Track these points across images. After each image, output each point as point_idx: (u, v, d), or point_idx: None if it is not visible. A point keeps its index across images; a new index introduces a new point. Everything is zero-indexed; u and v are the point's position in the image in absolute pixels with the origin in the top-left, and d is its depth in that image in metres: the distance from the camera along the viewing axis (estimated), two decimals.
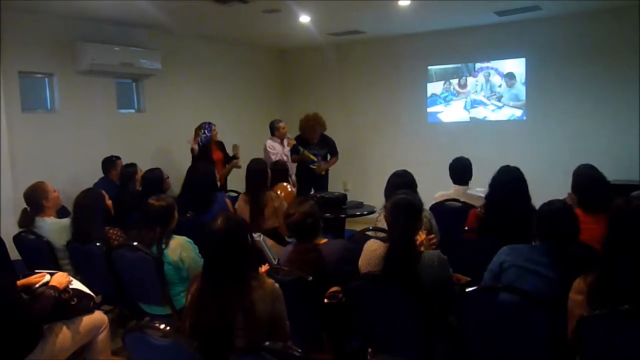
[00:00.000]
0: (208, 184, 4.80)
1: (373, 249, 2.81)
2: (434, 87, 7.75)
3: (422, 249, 2.78)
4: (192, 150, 6.14)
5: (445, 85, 7.67)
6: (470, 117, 7.53)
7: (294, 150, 6.56)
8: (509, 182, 3.51)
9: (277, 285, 2.39)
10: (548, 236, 2.60)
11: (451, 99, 7.65)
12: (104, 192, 4.27)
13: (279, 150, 6.44)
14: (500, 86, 7.28)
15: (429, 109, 7.80)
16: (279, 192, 4.84)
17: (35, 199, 3.93)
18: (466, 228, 3.66)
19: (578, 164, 3.73)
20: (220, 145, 6.51)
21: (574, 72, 6.67)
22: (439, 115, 7.77)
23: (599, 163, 3.88)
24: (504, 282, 2.59)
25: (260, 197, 4.51)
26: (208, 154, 6.19)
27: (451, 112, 7.67)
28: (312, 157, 6.60)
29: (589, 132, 6.60)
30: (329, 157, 6.79)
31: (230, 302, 2.25)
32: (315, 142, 6.69)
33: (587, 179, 3.35)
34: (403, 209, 2.70)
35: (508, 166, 3.62)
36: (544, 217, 2.65)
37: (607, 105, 6.50)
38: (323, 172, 6.77)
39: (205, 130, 6.21)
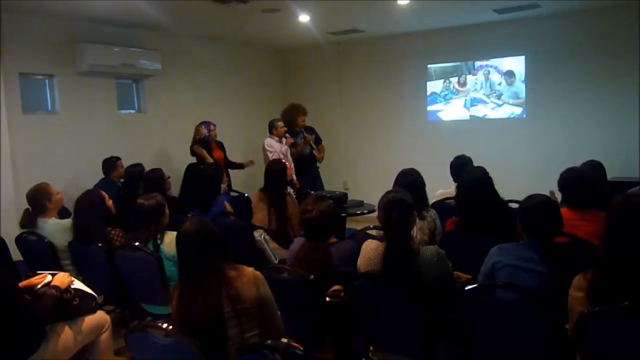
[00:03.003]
0: (213, 185, 4.83)
1: (371, 249, 2.81)
2: (434, 86, 7.75)
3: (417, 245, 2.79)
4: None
5: (445, 84, 7.67)
6: (470, 115, 7.54)
7: (292, 145, 6.60)
8: (472, 184, 3.53)
9: (257, 272, 2.42)
10: (533, 231, 2.62)
11: (451, 98, 7.66)
12: (104, 193, 4.28)
13: (277, 149, 6.44)
14: (499, 84, 7.28)
15: (429, 108, 7.80)
16: None
17: (38, 200, 3.95)
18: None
19: (578, 161, 3.74)
20: (220, 145, 6.51)
21: (574, 70, 6.67)
22: (439, 114, 7.78)
23: (599, 160, 3.91)
24: (498, 281, 2.59)
25: (278, 195, 4.52)
26: (208, 152, 6.20)
27: (451, 111, 7.67)
28: (312, 143, 6.65)
29: (589, 130, 6.61)
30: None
31: (214, 296, 2.27)
32: (302, 128, 6.74)
33: (571, 176, 3.35)
34: (396, 207, 2.71)
35: (473, 167, 3.64)
36: (526, 212, 2.66)
37: (606, 103, 6.50)
38: (321, 160, 6.86)
39: (204, 129, 6.21)
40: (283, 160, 6.04)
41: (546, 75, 6.87)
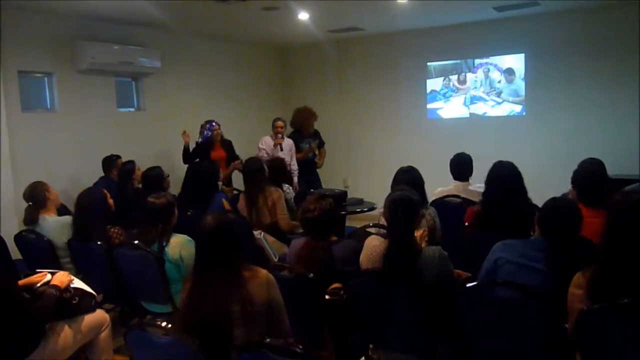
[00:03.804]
0: (210, 183, 4.83)
1: (374, 245, 2.81)
2: (434, 84, 7.74)
3: (423, 245, 2.79)
4: (186, 144, 6.13)
5: (444, 82, 7.67)
6: (470, 113, 7.53)
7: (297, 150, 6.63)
8: (505, 177, 3.50)
9: (271, 275, 2.42)
10: (551, 231, 2.59)
11: (450, 95, 7.65)
12: (106, 191, 4.27)
13: (267, 147, 6.44)
14: (499, 82, 7.28)
15: (429, 105, 7.80)
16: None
17: (38, 194, 3.95)
18: (466, 224, 3.66)
19: (578, 159, 3.73)
20: (227, 145, 6.42)
21: (573, 68, 6.67)
22: (438, 112, 7.77)
23: (599, 157, 3.89)
24: (499, 278, 2.58)
25: (257, 194, 4.52)
26: (207, 153, 6.19)
27: (451, 108, 7.66)
28: (316, 151, 6.69)
29: (589, 127, 6.60)
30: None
31: (225, 295, 2.27)
32: (310, 134, 6.75)
33: (587, 173, 3.35)
34: (401, 205, 2.71)
35: (502, 162, 3.62)
36: (548, 212, 2.62)
37: (606, 100, 6.50)
38: (321, 166, 6.89)
39: (207, 129, 6.20)
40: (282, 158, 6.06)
41: (546, 73, 6.87)
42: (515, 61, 7.12)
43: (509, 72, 7.19)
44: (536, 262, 2.52)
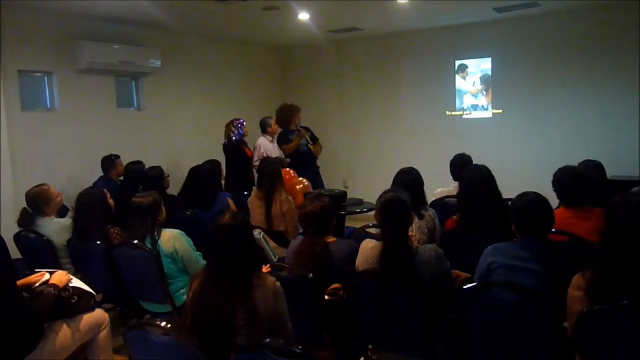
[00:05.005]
0: (213, 183, 4.82)
1: (369, 248, 2.81)
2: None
3: (415, 244, 2.79)
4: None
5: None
6: (469, 114, 7.52)
7: (282, 141, 6.54)
8: (475, 181, 3.53)
9: (278, 283, 2.39)
10: (526, 229, 2.60)
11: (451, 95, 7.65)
12: (105, 190, 4.26)
13: (271, 149, 6.42)
14: (499, 82, 7.26)
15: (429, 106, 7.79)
16: (298, 186, 4.90)
17: (37, 204, 3.93)
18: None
19: (578, 160, 3.74)
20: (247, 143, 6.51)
21: (573, 68, 6.65)
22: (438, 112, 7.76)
23: (599, 159, 3.90)
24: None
25: (272, 197, 4.51)
26: (241, 152, 6.18)
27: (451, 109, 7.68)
28: (307, 137, 6.59)
29: (589, 128, 6.59)
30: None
31: (232, 300, 2.26)
32: (297, 127, 6.70)
33: (561, 176, 3.34)
34: (393, 207, 2.70)
35: (475, 165, 3.64)
36: (518, 210, 2.64)
37: (607, 101, 6.49)
38: (318, 156, 6.82)
39: (238, 128, 6.20)
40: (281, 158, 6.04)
41: (545, 73, 6.85)
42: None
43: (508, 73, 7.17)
44: (528, 263, 2.52)
